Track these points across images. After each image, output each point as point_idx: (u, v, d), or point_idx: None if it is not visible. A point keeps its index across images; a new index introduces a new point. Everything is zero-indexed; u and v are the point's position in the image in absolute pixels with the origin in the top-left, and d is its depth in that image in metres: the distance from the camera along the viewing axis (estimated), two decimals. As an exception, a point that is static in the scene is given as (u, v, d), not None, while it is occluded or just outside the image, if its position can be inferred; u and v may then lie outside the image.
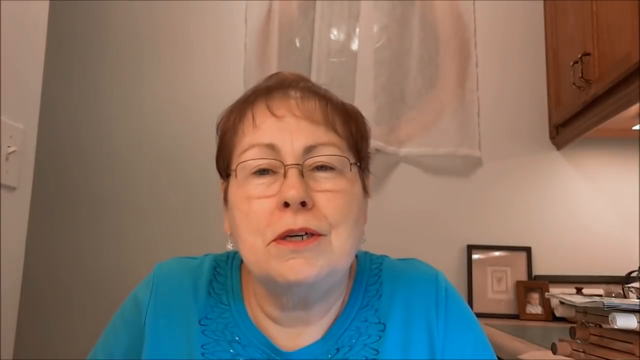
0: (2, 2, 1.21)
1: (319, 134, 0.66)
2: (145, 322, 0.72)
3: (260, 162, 0.65)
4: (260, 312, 0.71)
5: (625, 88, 1.48)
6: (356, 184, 0.68)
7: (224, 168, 0.71)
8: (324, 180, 0.65)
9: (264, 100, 0.68)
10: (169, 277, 0.75)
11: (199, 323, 0.71)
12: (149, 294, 0.73)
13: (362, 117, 0.73)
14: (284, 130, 0.65)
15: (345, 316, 0.70)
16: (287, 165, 0.64)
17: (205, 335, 0.70)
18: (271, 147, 0.65)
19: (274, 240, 0.63)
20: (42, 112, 1.40)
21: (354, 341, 0.69)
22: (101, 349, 0.76)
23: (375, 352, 0.68)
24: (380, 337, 0.69)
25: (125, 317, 0.75)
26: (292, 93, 0.69)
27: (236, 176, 0.66)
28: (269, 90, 0.69)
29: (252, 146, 0.66)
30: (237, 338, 0.69)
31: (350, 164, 0.67)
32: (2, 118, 1.22)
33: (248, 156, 0.66)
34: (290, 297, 0.66)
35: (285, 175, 0.63)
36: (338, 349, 0.68)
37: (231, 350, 0.69)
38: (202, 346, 0.69)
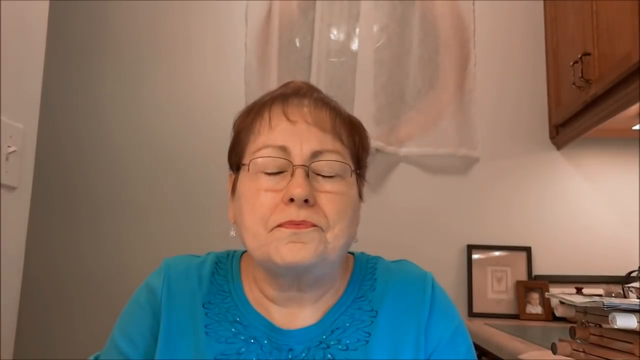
0: (2, 2, 1.21)
1: (326, 140, 0.75)
2: (162, 304, 0.78)
3: (271, 160, 0.73)
4: (259, 295, 0.78)
5: (625, 88, 1.48)
6: (353, 188, 0.77)
7: (236, 161, 0.79)
8: (327, 183, 0.74)
9: (281, 106, 0.76)
10: (177, 268, 0.82)
11: (203, 306, 0.78)
12: (162, 281, 0.80)
13: (364, 130, 0.82)
14: (295, 135, 0.74)
15: (340, 304, 0.79)
16: (295, 166, 0.72)
17: (208, 317, 0.78)
18: (283, 148, 0.73)
19: (276, 227, 0.71)
20: (42, 112, 1.40)
21: (347, 324, 0.77)
22: (120, 336, 0.79)
23: (367, 335, 0.76)
24: (372, 322, 0.77)
25: (141, 303, 0.80)
26: (306, 101, 0.77)
27: (248, 170, 0.74)
28: (286, 97, 0.78)
29: (266, 146, 0.74)
30: (238, 319, 0.77)
31: (351, 171, 0.76)
32: (2, 118, 1.22)
33: (262, 154, 0.74)
34: (286, 278, 0.74)
35: (292, 174, 0.72)
36: (333, 331, 0.77)
37: (233, 329, 0.77)
38: (205, 326, 0.77)
